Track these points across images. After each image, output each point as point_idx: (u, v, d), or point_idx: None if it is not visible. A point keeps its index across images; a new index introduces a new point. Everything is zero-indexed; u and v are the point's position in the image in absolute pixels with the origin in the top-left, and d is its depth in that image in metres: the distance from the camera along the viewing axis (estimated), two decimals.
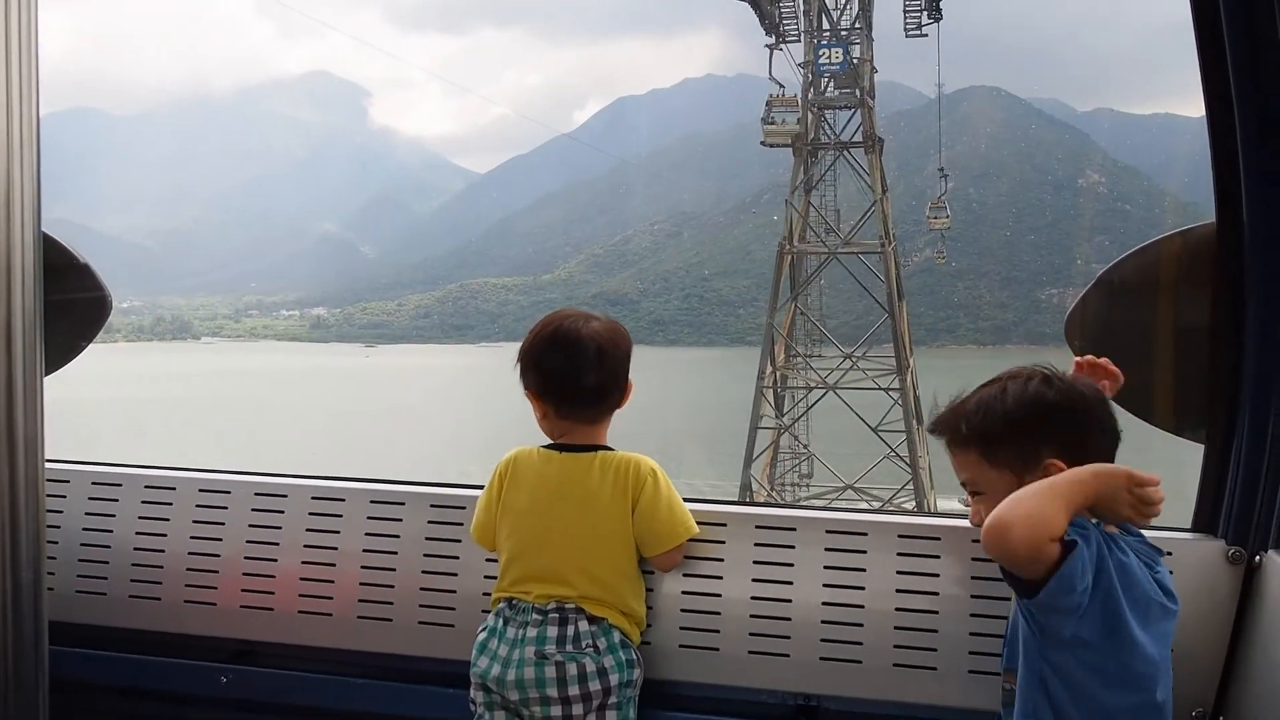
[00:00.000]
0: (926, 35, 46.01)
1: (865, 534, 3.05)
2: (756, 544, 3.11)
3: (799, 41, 44.55)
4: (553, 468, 3.12)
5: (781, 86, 45.77)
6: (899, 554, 3.00)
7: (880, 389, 41.05)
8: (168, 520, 3.50)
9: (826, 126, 45.41)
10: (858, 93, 44.27)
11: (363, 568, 3.32)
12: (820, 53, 43.59)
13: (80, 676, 3.41)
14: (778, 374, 42.11)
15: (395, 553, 3.29)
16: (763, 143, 45.01)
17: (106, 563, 3.50)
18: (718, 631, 3.07)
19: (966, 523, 2.90)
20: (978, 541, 2.66)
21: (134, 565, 3.48)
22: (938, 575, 2.95)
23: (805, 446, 44.42)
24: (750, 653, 3.03)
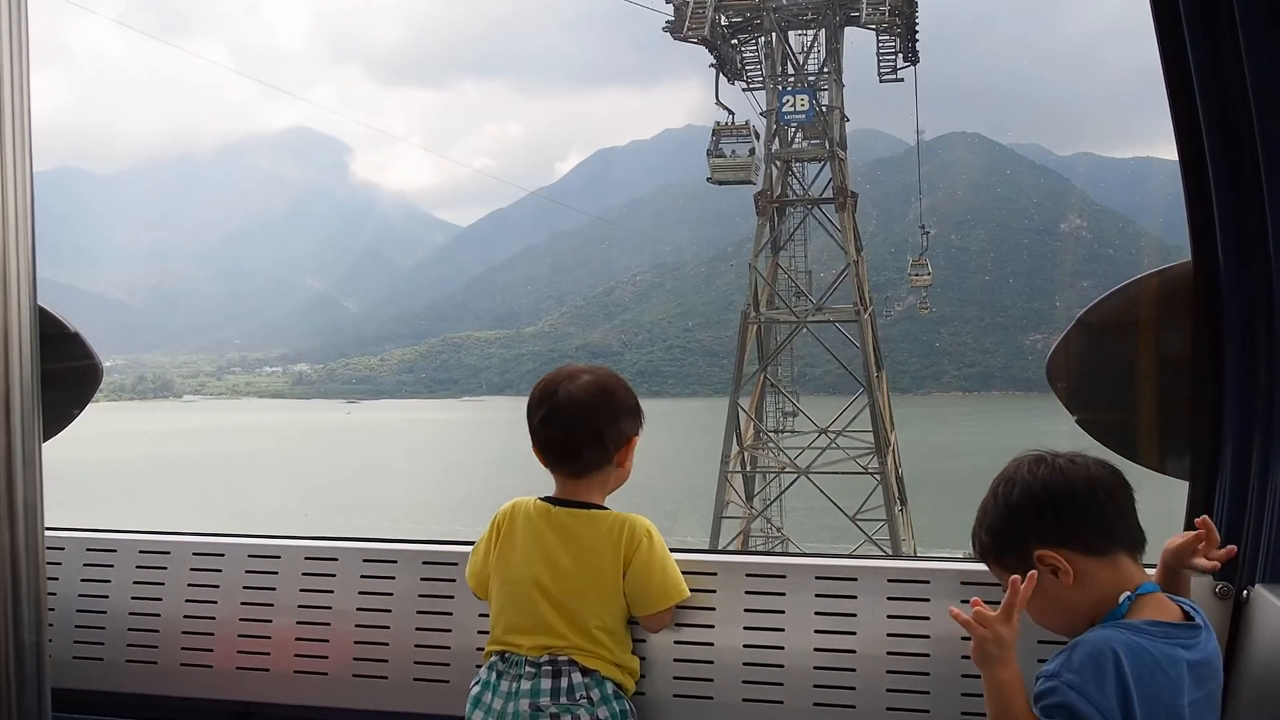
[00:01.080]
0: (902, 80, 43.35)
1: (855, 579, 3.04)
2: (748, 592, 3.10)
3: (763, 88, 41.06)
4: (548, 521, 3.12)
5: (730, 113, 41.51)
6: (889, 598, 2.99)
7: (861, 471, 37.28)
8: (163, 584, 3.50)
9: (795, 180, 42.14)
10: (827, 144, 40.60)
11: (357, 626, 3.31)
12: (784, 100, 39.79)
13: None
14: (745, 455, 38.97)
15: (389, 610, 3.27)
16: (710, 179, 40.64)
17: (103, 628, 3.52)
18: (711, 680, 3.07)
19: (956, 565, 3.01)
20: (968, 584, 2.92)
21: (130, 630, 3.48)
22: (928, 619, 2.93)
23: (779, 530, 40.94)
24: (744, 700, 3.02)
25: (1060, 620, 2.49)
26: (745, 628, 3.14)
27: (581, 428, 3.08)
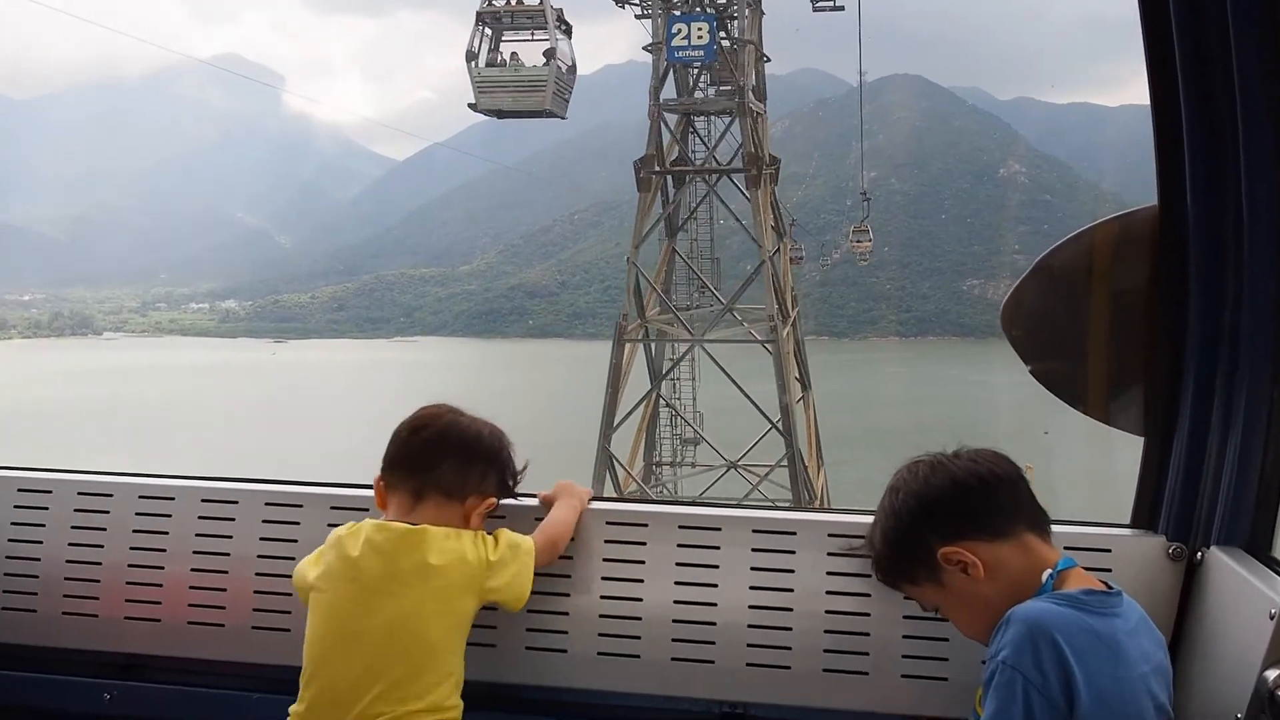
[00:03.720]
0: (843, 8, 35.02)
1: (794, 533, 2.94)
2: (680, 545, 2.97)
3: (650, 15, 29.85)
4: None
5: None
6: (830, 554, 2.89)
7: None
8: (44, 526, 3.28)
9: (697, 140, 31.84)
10: (737, 92, 30.26)
11: (258, 575, 3.11)
12: (675, 28, 27.50)
13: None
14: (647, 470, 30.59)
15: (293, 559, 2.98)
16: (475, 106, 27.59)
17: None
18: (639, 638, 2.94)
19: None
20: None
21: (6, 575, 3.26)
22: (869, 575, 2.80)
23: (694, 417, 32.48)
24: (673, 659, 2.92)
25: (986, 622, 2.33)
26: (676, 583, 2.96)
27: (454, 447, 2.83)
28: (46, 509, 3.33)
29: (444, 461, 2.80)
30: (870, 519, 2.77)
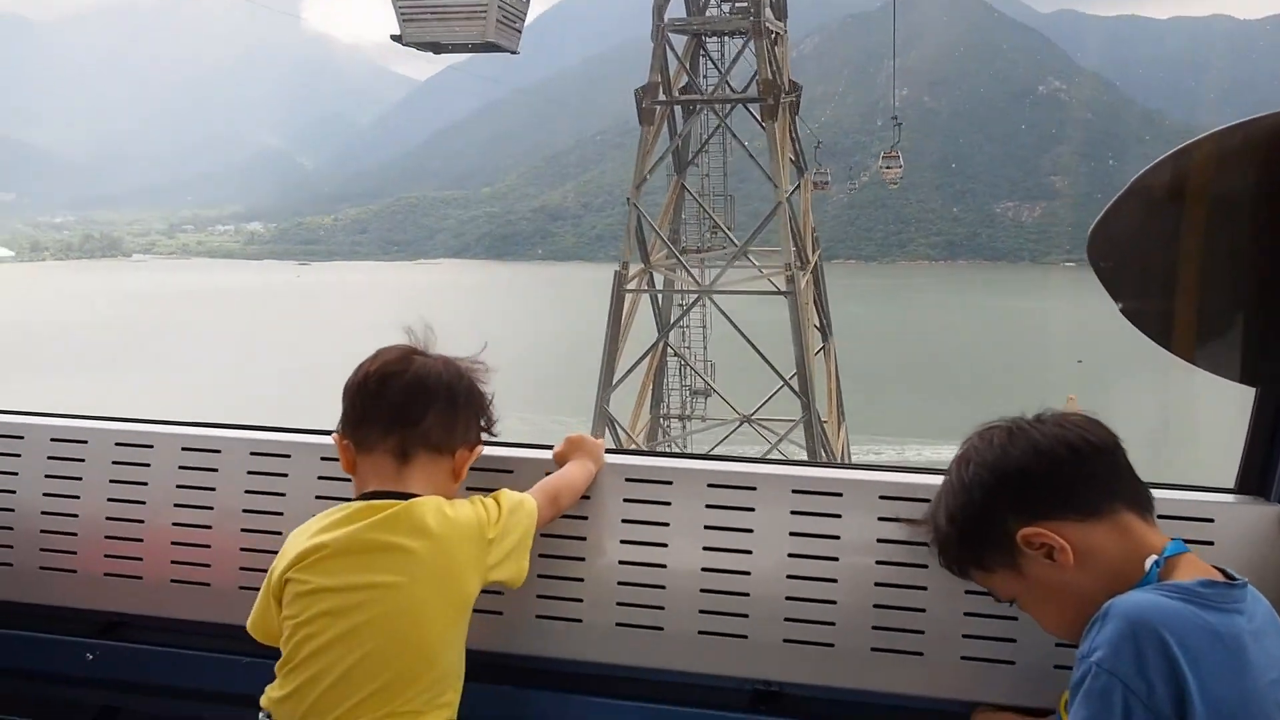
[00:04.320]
0: None
1: (840, 494, 2.64)
2: (709, 505, 2.69)
3: None
4: None
5: None
6: (880, 518, 2.60)
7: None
8: (15, 475, 3.15)
9: (708, 64, 28.55)
10: (752, 9, 26.64)
11: (243, 530, 2.96)
12: None
13: None
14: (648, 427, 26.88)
15: (280, 514, 2.91)
16: (396, 38, 20.58)
17: None
18: (662, 609, 2.68)
19: (873, 475, 2.69)
20: (886, 498, 2.60)
21: None
22: (926, 543, 2.47)
23: (705, 367, 29.40)
24: (701, 633, 2.66)
25: (1076, 618, 2.00)
26: (705, 548, 2.69)
27: (437, 393, 2.48)
28: (19, 455, 3.17)
29: (429, 411, 2.43)
30: (926, 478, 2.60)
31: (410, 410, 2.42)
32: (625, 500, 2.72)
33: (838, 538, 2.60)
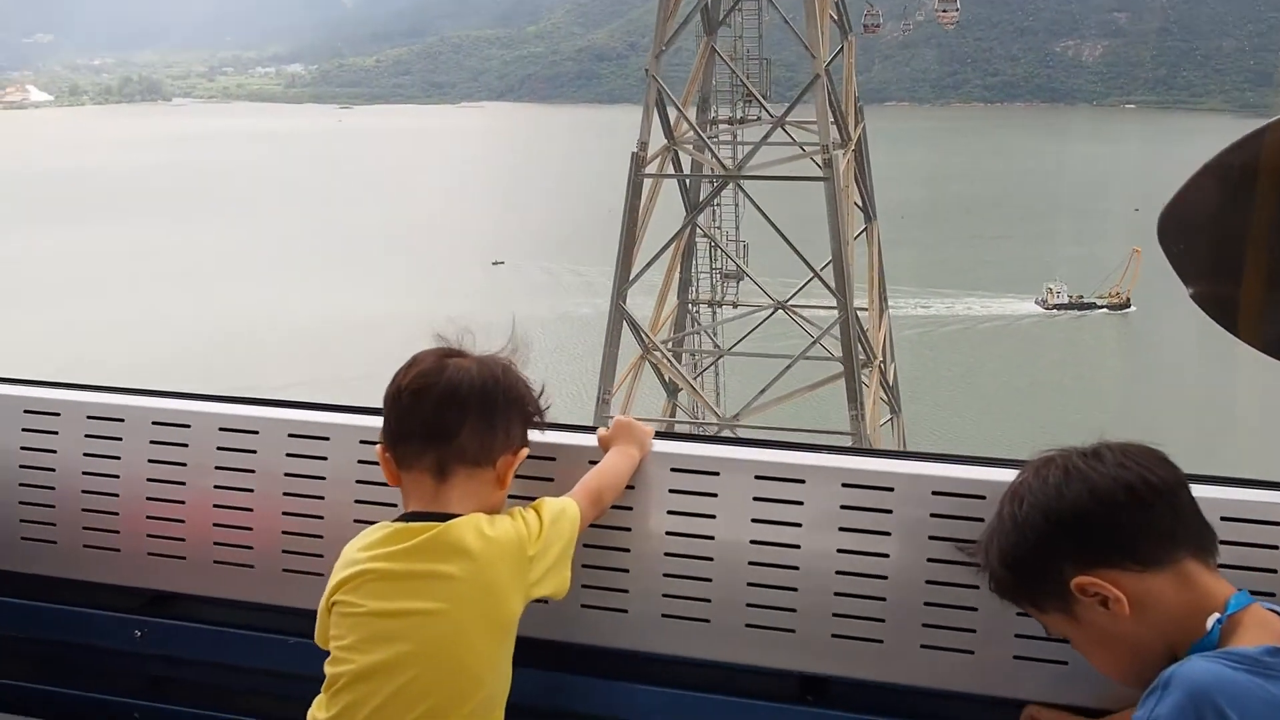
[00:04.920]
0: None
1: (891, 489, 2.60)
2: (756, 498, 2.67)
3: None
4: None
5: None
6: (933, 515, 2.56)
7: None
8: (55, 452, 3.16)
9: None
10: None
11: (285, 514, 2.97)
12: None
13: None
14: (648, 358, 24.29)
15: (321, 497, 2.91)
16: None
17: None
18: (709, 601, 2.67)
19: (924, 467, 2.65)
20: (939, 494, 2.56)
21: (21, 504, 3.17)
22: (984, 520, 2.42)
23: (737, 249, 27.88)
24: (748, 625, 2.66)
25: (1129, 666, 2.01)
26: (751, 541, 2.68)
27: (470, 404, 2.41)
28: (56, 433, 3.19)
29: (464, 425, 2.38)
30: (981, 471, 2.56)
31: (444, 425, 2.35)
32: (671, 491, 2.68)
33: (888, 534, 2.57)
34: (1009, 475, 2.39)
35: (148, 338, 66.72)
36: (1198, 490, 2.13)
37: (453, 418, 2.36)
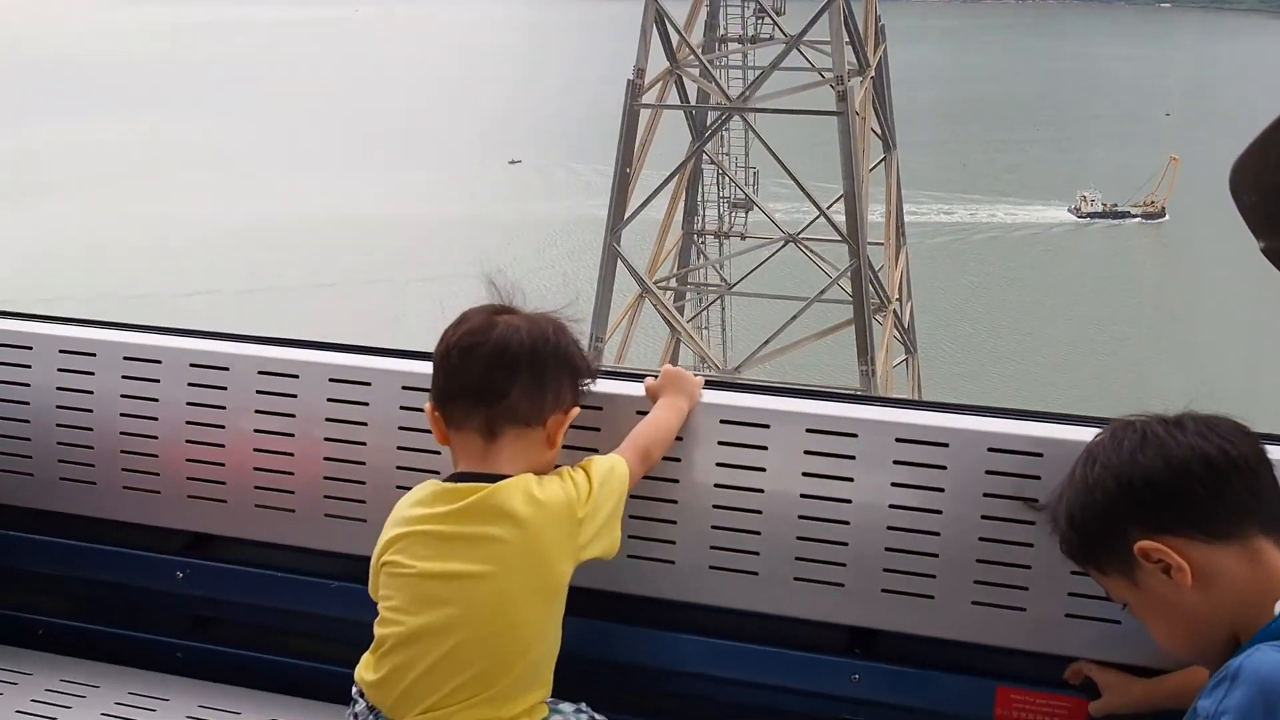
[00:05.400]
0: None
1: (946, 444, 2.58)
2: (807, 451, 2.66)
3: None
4: None
5: None
6: (988, 472, 2.55)
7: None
8: (92, 393, 3.17)
9: None
10: None
11: (326, 459, 2.97)
12: None
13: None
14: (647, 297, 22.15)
15: (363, 443, 2.91)
16: None
17: (28, 439, 3.22)
18: (758, 554, 2.68)
19: (980, 420, 2.64)
20: (995, 450, 2.54)
21: (60, 444, 3.17)
22: (1032, 500, 2.48)
23: (746, 177, 25.43)
24: (797, 579, 2.67)
25: (1188, 639, 2.00)
26: (802, 495, 2.67)
27: (521, 363, 2.39)
28: (93, 373, 3.18)
29: (514, 385, 2.37)
30: (1036, 426, 2.55)
31: (493, 385, 2.34)
32: (720, 443, 2.66)
33: (941, 490, 2.55)
34: (1067, 432, 2.45)
35: (164, 232, 65.88)
36: (1276, 451, 2.08)
37: (502, 377, 2.33)
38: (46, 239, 63.83)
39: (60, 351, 3.16)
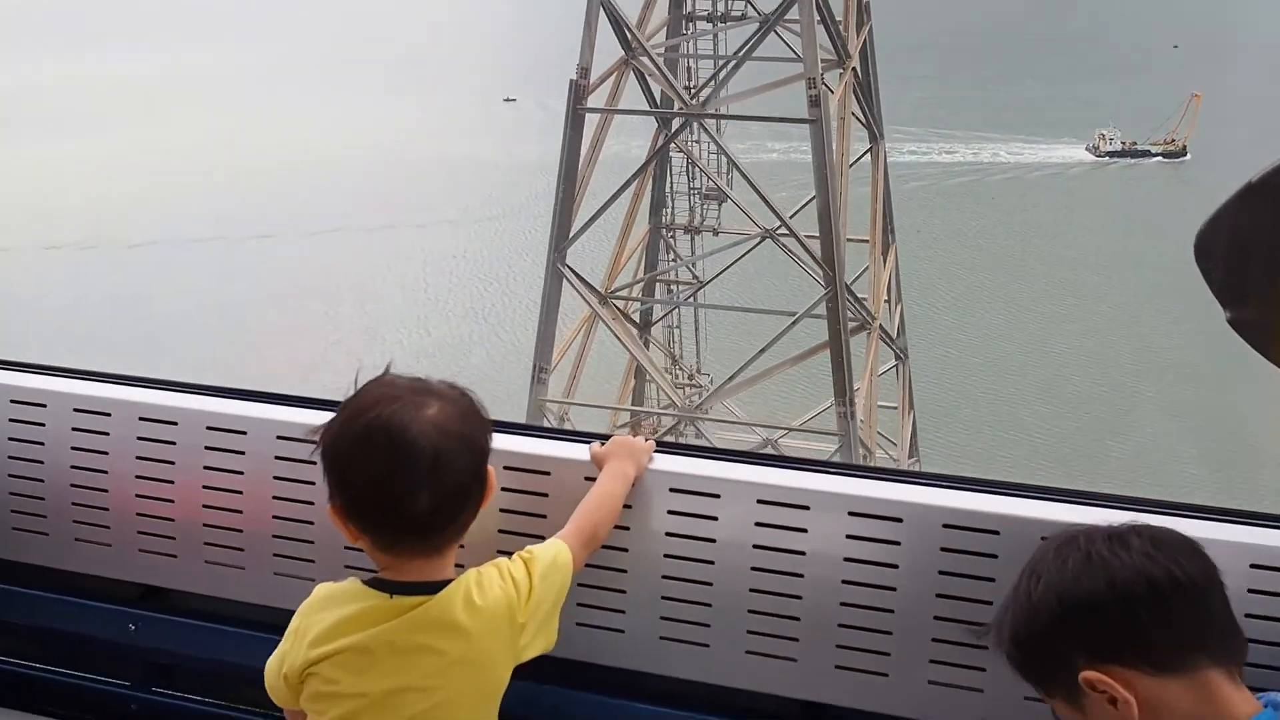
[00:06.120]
0: None
1: (900, 519, 2.53)
2: (759, 523, 2.62)
3: None
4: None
5: None
6: (943, 549, 2.49)
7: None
8: (43, 445, 3.16)
9: None
10: None
11: (275, 518, 2.96)
12: None
13: None
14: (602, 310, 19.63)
15: (311, 503, 2.87)
16: None
17: None
18: (708, 626, 2.65)
19: (934, 491, 2.60)
20: (949, 526, 2.50)
21: (11, 494, 3.18)
22: (990, 580, 2.44)
23: (717, 165, 22.12)
24: (749, 652, 2.63)
25: None
26: (753, 569, 2.62)
27: (446, 489, 2.25)
28: (43, 425, 3.18)
29: (460, 516, 2.29)
30: (993, 501, 2.49)
31: (435, 527, 2.24)
32: (670, 512, 2.64)
33: (896, 566, 2.51)
34: (1023, 506, 2.44)
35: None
36: (1224, 532, 2.10)
37: (444, 516, 2.23)
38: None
39: (11, 401, 3.13)
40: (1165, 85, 74.85)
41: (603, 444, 2.66)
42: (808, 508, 2.56)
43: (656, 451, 2.68)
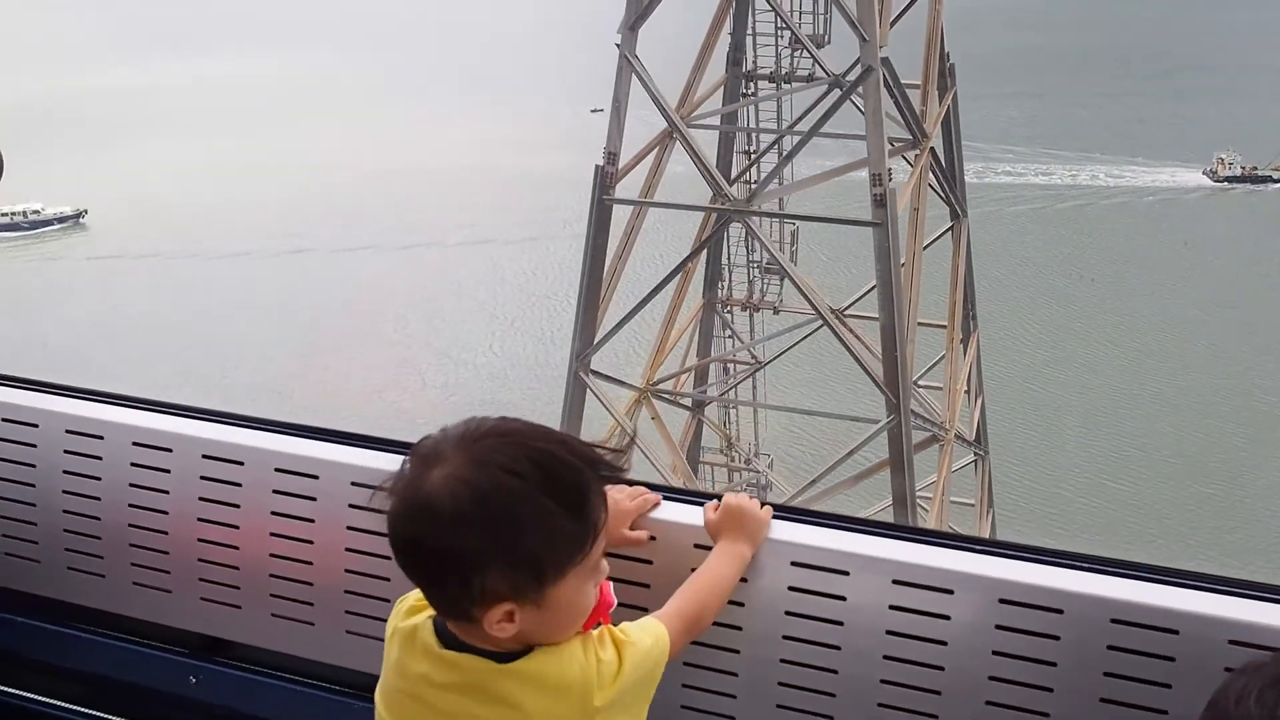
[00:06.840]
0: None
1: (1060, 610, 2.31)
2: (892, 606, 2.40)
3: None
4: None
5: None
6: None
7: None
8: (99, 480, 3.01)
9: None
10: None
11: (348, 572, 2.78)
12: None
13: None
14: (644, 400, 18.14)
15: (389, 557, 2.49)
16: None
17: (34, 523, 3.09)
18: (831, 717, 2.49)
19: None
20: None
21: (65, 532, 3.04)
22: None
23: (780, 237, 20.22)
24: None
25: None
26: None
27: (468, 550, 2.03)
28: (101, 459, 3.02)
29: (489, 571, 2.01)
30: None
31: (440, 601, 2.07)
32: (790, 589, 2.43)
33: (1054, 665, 2.28)
34: (1208, 602, 2.19)
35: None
36: None
37: (441, 593, 2.05)
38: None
39: (67, 431, 3.00)
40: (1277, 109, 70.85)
41: (717, 505, 2.43)
42: (951, 591, 2.31)
43: (775, 518, 2.45)
